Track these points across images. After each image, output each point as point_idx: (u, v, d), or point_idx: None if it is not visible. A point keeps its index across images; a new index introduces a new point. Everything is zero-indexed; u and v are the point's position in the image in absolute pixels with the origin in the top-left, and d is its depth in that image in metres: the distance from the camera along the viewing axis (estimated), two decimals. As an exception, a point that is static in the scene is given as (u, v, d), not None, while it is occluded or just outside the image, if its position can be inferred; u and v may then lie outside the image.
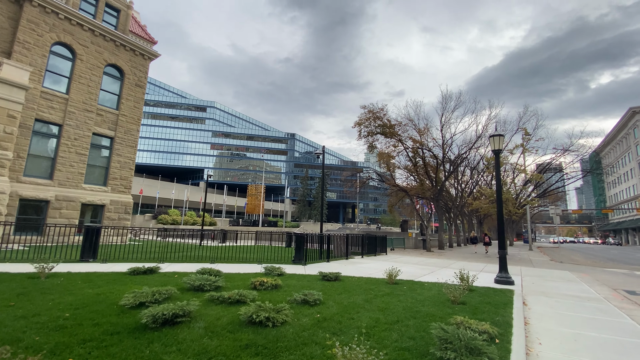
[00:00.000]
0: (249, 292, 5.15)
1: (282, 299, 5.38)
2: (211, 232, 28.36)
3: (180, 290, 5.77)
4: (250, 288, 6.17)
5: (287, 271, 9.30)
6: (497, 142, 10.72)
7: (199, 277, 5.98)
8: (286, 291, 6.08)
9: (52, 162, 19.31)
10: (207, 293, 5.17)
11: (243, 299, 4.87)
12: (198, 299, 4.78)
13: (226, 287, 6.19)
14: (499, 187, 10.86)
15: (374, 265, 13.21)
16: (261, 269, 8.87)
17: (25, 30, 18.48)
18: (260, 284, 6.12)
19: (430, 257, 20.33)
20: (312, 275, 8.85)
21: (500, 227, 10.75)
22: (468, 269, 13.87)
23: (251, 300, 4.89)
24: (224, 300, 4.85)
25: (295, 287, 6.67)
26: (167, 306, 3.79)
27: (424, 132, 26.00)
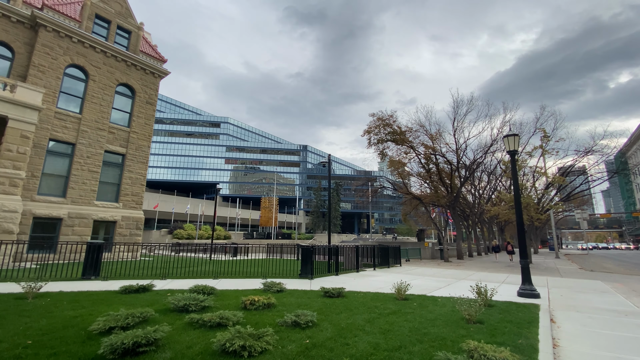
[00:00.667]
0: (234, 314, 4.65)
1: (271, 320, 4.85)
2: (223, 246, 28.17)
3: (163, 311, 5.33)
4: (239, 308, 5.67)
5: (288, 287, 8.75)
6: (512, 143, 9.97)
7: (185, 296, 5.53)
8: (279, 311, 5.54)
9: (66, 180, 19.67)
10: (189, 315, 4.71)
11: (224, 322, 4.38)
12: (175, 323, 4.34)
13: (215, 306, 5.72)
14: (516, 190, 10.04)
15: (385, 279, 12.45)
16: (261, 284, 8.36)
17: (40, 54, 19.18)
18: (250, 303, 5.61)
19: (447, 268, 19.25)
20: (314, 292, 8.25)
21: (521, 234, 9.88)
22: (488, 280, 12.90)
23: (234, 323, 4.39)
24: (204, 323, 4.38)
25: (292, 305, 6.12)
26: (130, 333, 3.35)
27: (436, 137, 25.18)
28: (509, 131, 10.44)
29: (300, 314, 4.70)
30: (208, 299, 5.71)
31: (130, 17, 23.86)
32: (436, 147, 26.03)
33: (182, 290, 7.45)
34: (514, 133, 10.00)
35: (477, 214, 34.26)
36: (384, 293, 8.02)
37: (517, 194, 9.99)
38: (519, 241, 9.91)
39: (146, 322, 4.38)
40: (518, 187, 10.10)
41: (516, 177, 10.13)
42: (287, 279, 11.48)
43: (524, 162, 21.67)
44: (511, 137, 9.98)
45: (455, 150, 26.27)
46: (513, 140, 9.96)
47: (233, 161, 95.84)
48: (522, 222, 9.87)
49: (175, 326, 4.37)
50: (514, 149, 10.01)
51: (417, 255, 25.23)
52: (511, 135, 10.00)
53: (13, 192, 15.94)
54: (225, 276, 11.66)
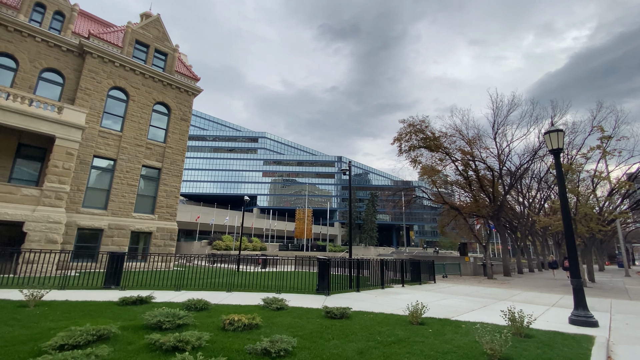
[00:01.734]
0: (199, 336, 4.09)
1: (240, 346, 4.21)
2: (253, 257, 28.28)
3: (134, 328, 4.94)
4: (219, 328, 5.12)
5: (295, 303, 8.09)
6: (555, 140, 8.52)
7: (160, 312, 5.13)
8: (260, 333, 4.88)
9: (107, 193, 21.02)
10: (152, 334, 4.25)
11: (182, 346, 3.85)
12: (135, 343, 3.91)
13: (193, 325, 5.24)
14: (562, 194, 8.51)
15: (410, 297, 11.23)
16: (261, 300, 7.74)
17: (86, 79, 21.03)
18: (229, 323, 5.04)
19: (489, 286, 17.21)
20: (318, 310, 7.44)
21: (571, 247, 8.27)
22: (535, 302, 11.12)
23: (194, 348, 3.84)
24: (160, 345, 3.89)
25: (281, 327, 5.45)
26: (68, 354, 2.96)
27: (474, 141, 23.25)
28: (551, 126, 8.95)
29: (277, 340, 4.03)
30: (188, 316, 5.25)
31: (166, 40, 25.51)
32: (475, 152, 24.03)
33: (180, 304, 7.13)
34: (557, 128, 8.54)
35: (526, 226, 30.87)
36: (397, 315, 7.01)
37: (563, 200, 8.46)
38: (569, 256, 8.31)
39: (102, 340, 4.03)
40: (565, 191, 8.55)
41: (562, 181, 8.59)
42: (303, 295, 10.80)
43: (579, 166, 19.00)
44: (553, 133, 8.53)
45: (497, 155, 24.04)
46: (556, 136, 8.50)
47: (270, 174, 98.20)
48: (572, 233, 8.28)
49: (131, 348, 3.95)
50: (558, 147, 8.53)
51: (456, 271, 23.09)
52: (553, 130, 8.55)
53: (58, 204, 17.25)
54: (239, 289, 11.30)
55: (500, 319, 6.56)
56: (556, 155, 8.67)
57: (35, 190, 17.01)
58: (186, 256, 17.90)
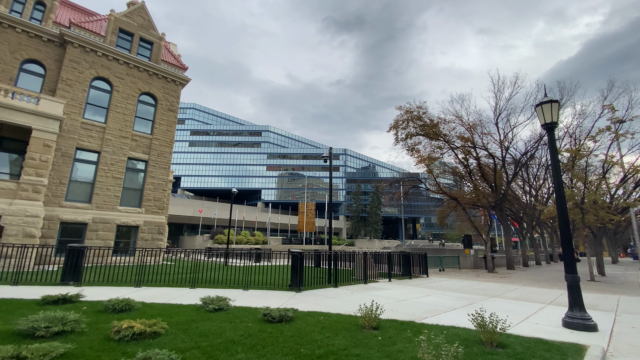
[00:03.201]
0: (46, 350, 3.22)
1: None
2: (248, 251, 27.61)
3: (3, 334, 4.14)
4: (106, 337, 4.24)
5: (246, 302, 7.24)
6: (547, 112, 7.32)
7: (43, 316, 4.29)
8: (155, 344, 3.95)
9: (91, 186, 20.49)
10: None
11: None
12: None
13: (80, 331, 4.39)
14: (556, 174, 7.34)
15: (391, 294, 10.26)
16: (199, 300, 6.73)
17: (67, 69, 20.37)
18: (116, 331, 4.16)
19: (486, 280, 16.07)
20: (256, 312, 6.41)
21: (565, 236, 7.13)
22: (530, 299, 10.00)
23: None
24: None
25: (195, 334, 4.55)
26: None
27: (475, 127, 21.84)
28: (545, 97, 7.65)
29: (151, 356, 3.14)
30: (77, 321, 4.39)
31: (152, 28, 24.67)
32: (475, 139, 22.64)
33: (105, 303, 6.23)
34: (551, 99, 7.31)
35: (532, 217, 29.33)
36: (353, 316, 6.03)
37: (557, 181, 7.28)
38: (562, 246, 7.17)
39: None
40: (559, 171, 7.36)
41: (556, 158, 7.39)
42: (271, 291, 9.95)
43: (585, 150, 17.46)
44: (546, 104, 7.31)
45: (499, 142, 22.59)
46: (550, 108, 7.28)
47: (274, 168, 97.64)
48: (567, 219, 7.13)
49: None
50: (552, 121, 7.32)
51: (454, 264, 21.92)
52: (546, 102, 7.33)
53: (36, 198, 16.74)
54: (205, 285, 10.52)
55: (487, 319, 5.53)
56: (550, 130, 7.46)
57: (12, 184, 16.52)
58: (177, 250, 17.34)
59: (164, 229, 22.79)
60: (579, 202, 17.55)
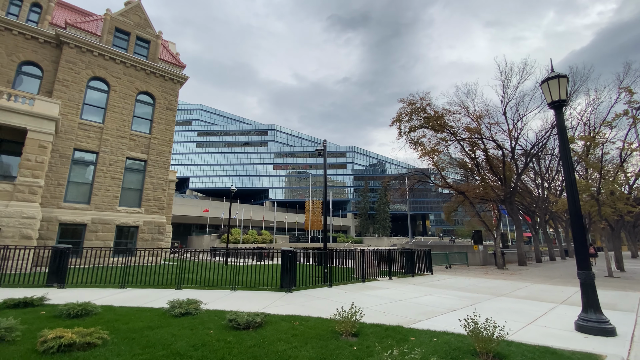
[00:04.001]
0: None
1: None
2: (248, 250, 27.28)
3: None
4: (30, 349, 3.72)
5: (219, 306, 6.70)
6: (555, 89, 6.51)
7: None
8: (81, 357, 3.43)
9: (90, 187, 20.37)
10: None
11: None
12: None
13: (10, 340, 3.90)
14: (566, 159, 6.53)
15: (388, 293, 9.60)
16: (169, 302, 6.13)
17: (64, 70, 20.26)
18: (42, 342, 3.61)
19: (495, 277, 15.19)
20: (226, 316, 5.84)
21: (577, 228, 6.33)
22: (541, 298, 9.19)
23: None
24: None
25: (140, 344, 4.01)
26: None
27: (481, 117, 20.84)
28: (551, 72, 6.81)
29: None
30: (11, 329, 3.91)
31: (148, 27, 24.42)
32: (482, 129, 21.63)
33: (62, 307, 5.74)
34: (559, 73, 6.49)
35: (545, 210, 28.04)
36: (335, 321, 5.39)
37: (566, 166, 6.47)
38: (574, 240, 6.38)
39: None
40: (568, 154, 6.54)
41: (565, 139, 6.57)
42: (261, 292, 9.41)
43: (601, 137, 16.30)
44: (553, 80, 6.50)
45: (507, 132, 21.53)
46: (557, 84, 6.46)
47: (281, 167, 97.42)
48: (579, 210, 6.33)
49: None
50: (559, 99, 6.50)
51: (462, 261, 21.00)
52: (553, 77, 6.51)
53: (32, 199, 16.62)
54: (192, 286, 10.05)
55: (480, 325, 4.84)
56: (557, 109, 6.65)
57: (8, 185, 16.43)
58: (181, 250, 17.23)
59: (164, 229, 22.54)
60: (594, 193, 16.46)
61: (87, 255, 17.30)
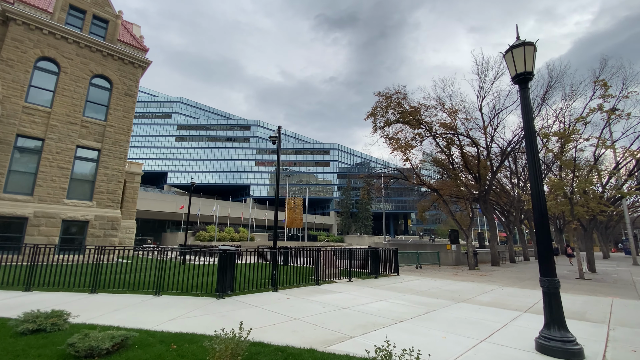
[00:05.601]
0: None
1: None
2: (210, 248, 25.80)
3: None
4: None
5: (111, 319, 5.45)
6: (519, 59, 5.50)
7: None
8: None
9: (34, 177, 18.48)
10: None
11: None
12: None
13: None
14: (530, 149, 5.54)
15: (337, 299, 8.53)
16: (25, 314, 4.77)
17: (9, 49, 18.27)
18: None
19: (462, 279, 14.40)
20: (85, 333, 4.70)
21: (541, 228, 5.38)
22: (506, 304, 8.31)
23: None
24: None
25: None
26: None
27: (456, 112, 20.09)
28: (517, 40, 5.78)
29: None
30: None
31: (107, 5, 22.53)
32: (458, 125, 20.92)
33: None
34: (524, 41, 5.47)
35: (521, 210, 27.80)
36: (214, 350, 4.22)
37: (531, 150, 5.49)
38: (538, 242, 5.44)
39: None
40: (534, 140, 5.56)
41: (529, 119, 5.58)
42: (190, 297, 8.16)
43: (575, 133, 15.73)
44: (518, 48, 5.48)
45: (483, 128, 20.89)
46: (522, 54, 5.44)
47: (263, 163, 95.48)
48: (543, 205, 5.38)
49: None
50: (525, 71, 5.48)
51: (434, 261, 20.26)
52: (518, 45, 5.49)
53: (-44, 189, 14.73)
54: (110, 289, 8.69)
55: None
56: (522, 83, 5.64)
57: None
58: (144, 248, 15.83)
59: (118, 224, 20.82)
60: (568, 192, 15.94)
61: (29, 252, 15.56)
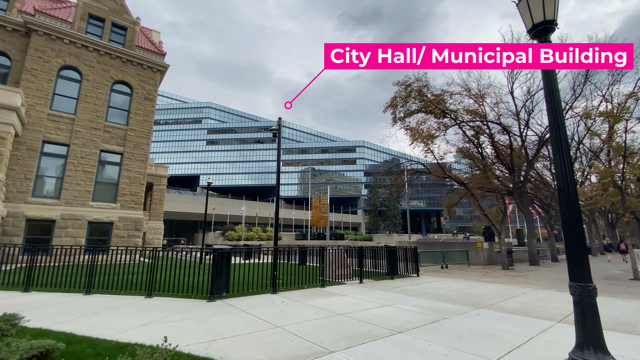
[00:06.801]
0: None
1: None
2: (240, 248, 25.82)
3: None
4: None
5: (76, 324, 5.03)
6: (538, 5, 4.31)
7: None
8: None
9: (60, 181, 19.36)
10: None
11: None
12: None
13: None
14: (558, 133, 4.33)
15: (337, 302, 7.69)
16: None
17: (32, 59, 19.28)
18: None
19: (492, 280, 12.86)
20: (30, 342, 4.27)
21: (570, 216, 4.18)
22: (535, 313, 7.00)
23: None
24: None
25: None
26: None
27: (483, 97, 18.29)
28: None
29: None
30: None
31: (125, 13, 23.20)
32: (487, 111, 19.08)
33: None
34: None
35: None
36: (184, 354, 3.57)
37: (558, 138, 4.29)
38: (565, 234, 4.24)
39: None
40: (561, 125, 4.35)
41: (553, 79, 4.39)
42: (181, 299, 7.71)
43: (626, 112, 13.39)
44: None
45: (515, 113, 18.88)
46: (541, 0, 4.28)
47: (290, 163, 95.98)
48: (573, 193, 4.17)
49: None
50: (544, 20, 4.29)
51: (464, 260, 18.59)
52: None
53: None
54: (104, 291, 8.49)
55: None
56: (541, 35, 4.43)
57: (-37, 179, 15.53)
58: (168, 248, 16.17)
59: (141, 225, 21.33)
60: (618, 181, 13.76)
61: (57, 253, 16.25)
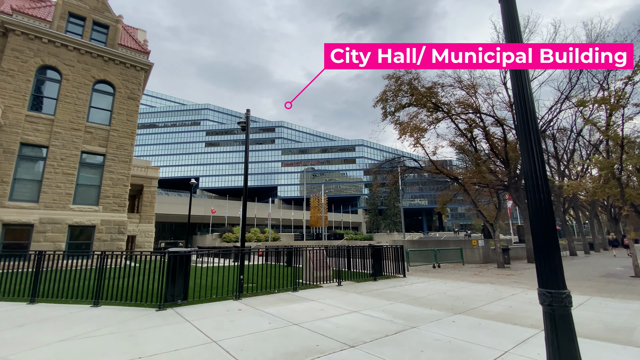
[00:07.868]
0: None
1: None
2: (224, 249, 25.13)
3: None
4: None
5: None
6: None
7: None
8: None
9: (39, 184, 18.80)
10: None
11: None
12: None
13: None
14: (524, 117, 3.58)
15: (297, 311, 6.97)
16: None
17: (9, 59, 18.75)
18: None
19: (482, 280, 12.08)
20: None
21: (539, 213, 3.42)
22: (517, 318, 6.25)
23: None
24: None
25: None
26: None
27: (475, 87, 17.50)
28: None
29: None
30: None
31: (107, 10, 22.64)
32: (479, 103, 18.28)
33: None
34: None
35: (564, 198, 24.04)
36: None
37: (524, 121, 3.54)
38: (532, 232, 3.49)
39: None
40: (528, 106, 3.60)
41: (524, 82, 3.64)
42: (131, 308, 7.02)
43: (620, 96, 12.52)
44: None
45: (509, 104, 18.07)
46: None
47: (289, 164, 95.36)
48: (544, 183, 3.44)
49: None
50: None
51: (456, 259, 17.78)
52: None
53: (-42, 198, 15.09)
54: (50, 300, 7.85)
55: None
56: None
57: None
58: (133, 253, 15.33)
59: (124, 228, 20.72)
60: (616, 172, 12.93)
61: (33, 258, 15.65)
